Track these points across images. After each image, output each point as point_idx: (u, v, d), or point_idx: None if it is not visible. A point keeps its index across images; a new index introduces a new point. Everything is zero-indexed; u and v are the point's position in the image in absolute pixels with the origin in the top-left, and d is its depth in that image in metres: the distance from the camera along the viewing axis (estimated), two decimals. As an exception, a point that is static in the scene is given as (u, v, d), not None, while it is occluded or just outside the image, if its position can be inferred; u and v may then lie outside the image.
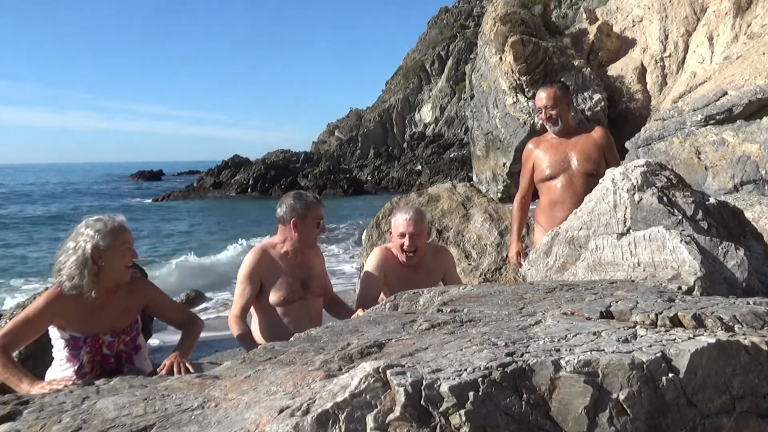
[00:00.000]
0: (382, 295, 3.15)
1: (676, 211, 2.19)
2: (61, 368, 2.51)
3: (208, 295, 10.06)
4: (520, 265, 3.71)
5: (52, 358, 2.58)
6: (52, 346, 2.58)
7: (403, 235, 3.14)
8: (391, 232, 3.26)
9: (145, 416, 1.27)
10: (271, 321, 2.99)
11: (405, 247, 3.13)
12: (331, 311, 3.25)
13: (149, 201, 37.56)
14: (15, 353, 2.49)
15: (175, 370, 2.30)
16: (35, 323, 2.47)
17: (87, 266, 2.45)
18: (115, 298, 2.58)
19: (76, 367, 2.47)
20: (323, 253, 3.40)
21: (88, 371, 2.45)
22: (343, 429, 0.97)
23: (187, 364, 2.36)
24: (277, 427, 0.99)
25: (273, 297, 2.96)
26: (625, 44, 19.72)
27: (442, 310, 1.70)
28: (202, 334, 2.87)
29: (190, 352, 2.68)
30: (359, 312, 2.89)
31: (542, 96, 3.62)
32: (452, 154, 36.35)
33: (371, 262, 3.20)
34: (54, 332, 2.53)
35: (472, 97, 24.07)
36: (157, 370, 2.36)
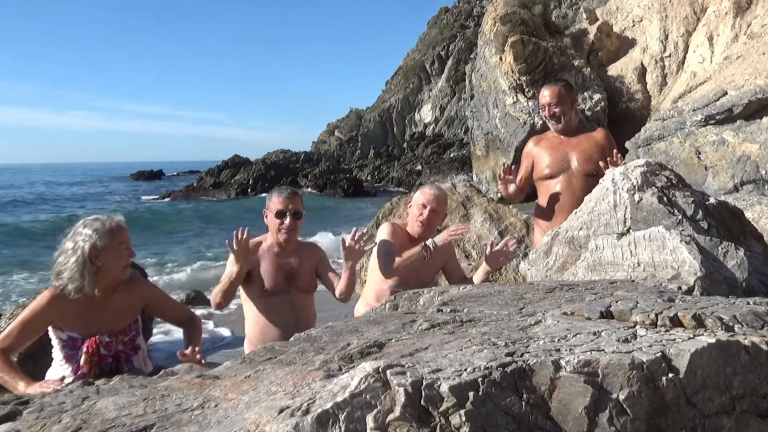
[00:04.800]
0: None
1: (676, 211, 2.19)
2: (61, 368, 2.52)
3: (208, 295, 10.06)
4: (502, 179, 3.62)
5: (53, 359, 2.59)
6: (52, 347, 2.59)
7: (424, 206, 3.19)
8: (411, 205, 3.31)
9: (145, 416, 1.27)
10: (256, 313, 3.05)
11: (422, 218, 3.18)
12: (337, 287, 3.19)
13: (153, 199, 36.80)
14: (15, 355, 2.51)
15: (196, 356, 2.36)
16: (34, 325, 2.48)
17: (86, 266, 2.46)
18: (114, 298, 2.59)
19: (74, 368, 2.47)
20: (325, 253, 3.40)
21: (86, 372, 2.45)
22: (343, 429, 0.97)
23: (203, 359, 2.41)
24: (277, 427, 0.99)
25: (256, 288, 3.03)
26: (625, 44, 19.72)
27: (442, 310, 1.70)
28: (203, 334, 2.91)
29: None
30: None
31: (546, 93, 3.61)
32: (452, 154, 36.32)
33: (383, 234, 3.24)
34: (52, 333, 2.54)
35: (472, 97, 24.08)
36: (178, 353, 2.41)
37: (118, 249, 2.52)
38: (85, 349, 2.46)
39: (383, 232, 3.26)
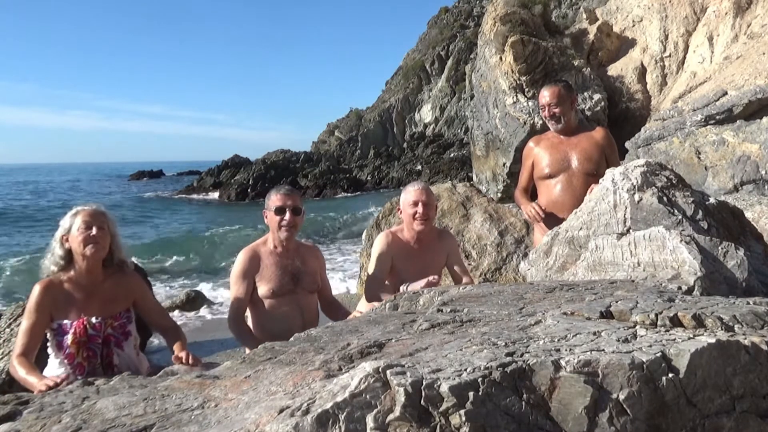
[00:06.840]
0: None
1: (676, 211, 2.19)
2: (55, 360, 2.56)
3: (209, 295, 10.04)
4: (539, 216, 3.51)
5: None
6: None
7: (415, 204, 3.21)
8: (400, 210, 3.33)
9: (145, 416, 1.27)
10: (262, 314, 3.04)
11: (418, 215, 3.19)
12: (328, 313, 3.28)
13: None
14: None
15: (191, 360, 2.39)
16: (38, 320, 2.54)
17: (57, 247, 2.60)
18: (104, 286, 2.65)
19: (64, 354, 2.50)
20: (324, 254, 3.43)
21: (74, 352, 2.48)
22: (343, 429, 0.97)
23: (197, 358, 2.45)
24: (277, 427, 0.99)
25: (262, 290, 3.02)
26: (625, 44, 19.70)
27: (442, 310, 1.70)
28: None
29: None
30: (361, 306, 2.91)
31: (546, 94, 3.62)
32: (452, 154, 36.34)
33: (377, 248, 3.27)
34: None
35: (472, 97, 24.04)
36: (173, 358, 2.44)
37: (80, 229, 2.58)
38: (72, 330, 2.50)
39: (379, 245, 3.26)
